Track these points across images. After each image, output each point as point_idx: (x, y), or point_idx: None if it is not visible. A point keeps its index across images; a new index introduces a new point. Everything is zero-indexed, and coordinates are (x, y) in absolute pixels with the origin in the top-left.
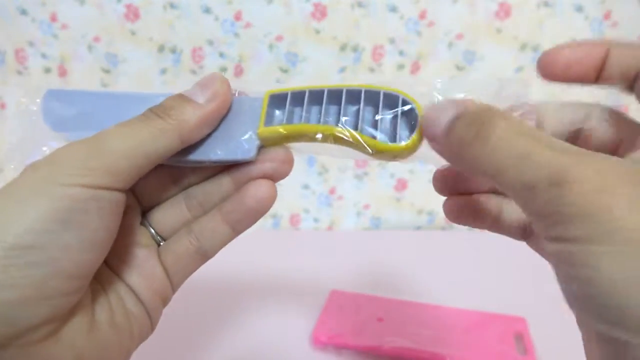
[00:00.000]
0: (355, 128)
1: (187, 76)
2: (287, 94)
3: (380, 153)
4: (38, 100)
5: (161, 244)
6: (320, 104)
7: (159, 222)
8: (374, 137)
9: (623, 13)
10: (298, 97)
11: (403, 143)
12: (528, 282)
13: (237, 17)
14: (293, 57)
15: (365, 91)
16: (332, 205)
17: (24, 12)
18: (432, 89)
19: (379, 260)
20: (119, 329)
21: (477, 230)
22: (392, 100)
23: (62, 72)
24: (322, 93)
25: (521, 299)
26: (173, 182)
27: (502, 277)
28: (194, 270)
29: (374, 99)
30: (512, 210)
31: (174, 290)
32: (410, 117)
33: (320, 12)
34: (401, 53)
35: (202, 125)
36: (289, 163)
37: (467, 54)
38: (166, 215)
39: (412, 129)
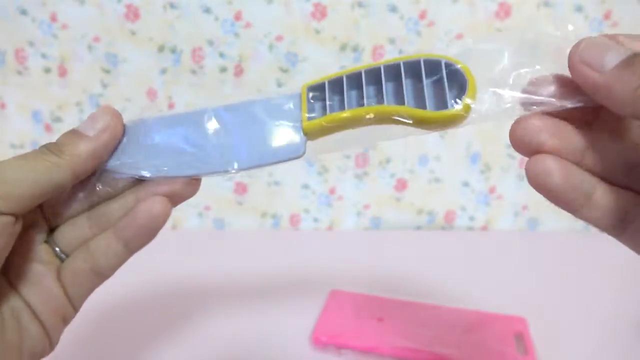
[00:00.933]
0: (402, 103)
1: (187, 76)
2: (324, 84)
3: (433, 123)
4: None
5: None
6: (360, 87)
7: (63, 239)
8: (423, 108)
9: (623, 13)
10: (336, 85)
11: (456, 107)
12: (528, 282)
13: (237, 17)
14: (293, 57)
15: (404, 63)
16: (332, 205)
17: (24, 12)
18: (465, 50)
19: (379, 260)
20: (6, 345)
21: (477, 230)
22: (433, 67)
23: (62, 72)
24: (360, 75)
25: (521, 299)
26: (81, 200)
27: (502, 277)
28: (92, 290)
29: (414, 69)
30: (608, 196)
31: (75, 309)
32: (456, 80)
33: (320, 12)
34: (401, 53)
35: (93, 157)
36: (194, 185)
37: None
38: (70, 233)
39: (460, 91)
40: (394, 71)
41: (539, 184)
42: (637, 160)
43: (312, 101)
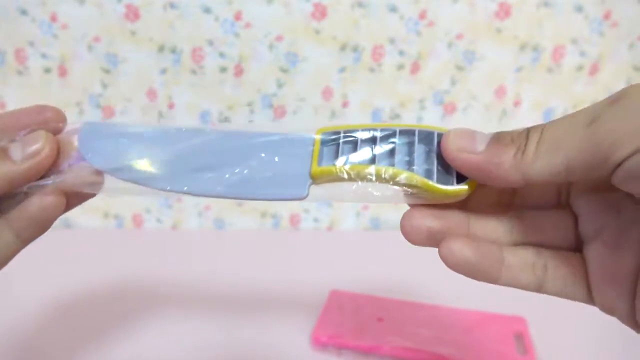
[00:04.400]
0: (411, 169)
1: (187, 76)
2: (339, 132)
3: (437, 196)
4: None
5: None
6: (373, 143)
7: None
8: (430, 179)
9: (623, 13)
10: (351, 137)
11: (462, 186)
12: None
13: (237, 17)
14: (293, 57)
15: (419, 131)
16: (332, 205)
17: (24, 12)
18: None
19: (379, 260)
20: None
21: None
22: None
23: (62, 72)
24: (374, 131)
25: (521, 299)
26: None
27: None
28: None
29: (427, 138)
30: (514, 255)
31: None
32: None
33: (320, 12)
34: (401, 53)
35: (10, 183)
36: (87, 195)
37: (467, 54)
38: None
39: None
40: (409, 136)
41: (456, 264)
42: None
43: (324, 147)
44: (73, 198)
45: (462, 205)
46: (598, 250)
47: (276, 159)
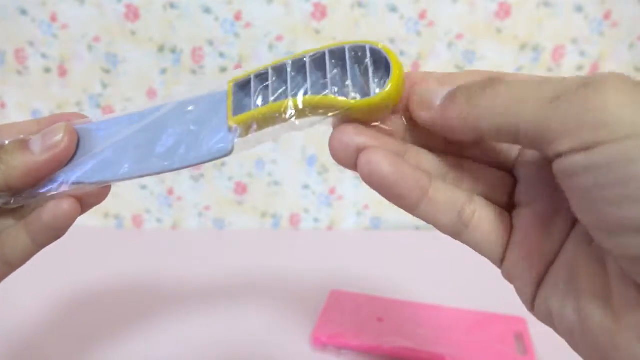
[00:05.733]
0: (325, 92)
1: (187, 76)
2: (249, 78)
3: (357, 110)
4: None
5: None
6: (285, 77)
7: None
8: (346, 97)
9: (623, 13)
10: (263, 78)
11: (378, 92)
12: None
13: (237, 17)
14: None
15: (329, 51)
16: (332, 205)
17: (24, 12)
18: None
19: (379, 260)
20: None
21: None
22: (359, 52)
23: (62, 72)
24: (285, 66)
25: None
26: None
27: (502, 277)
28: (1, 278)
29: (340, 57)
30: (443, 190)
31: None
32: (382, 67)
33: (320, 12)
34: (401, 53)
35: (29, 175)
36: (100, 197)
37: (467, 53)
38: None
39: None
40: (320, 61)
41: (370, 174)
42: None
43: (241, 97)
44: (86, 201)
45: (403, 137)
46: (527, 219)
47: (195, 121)
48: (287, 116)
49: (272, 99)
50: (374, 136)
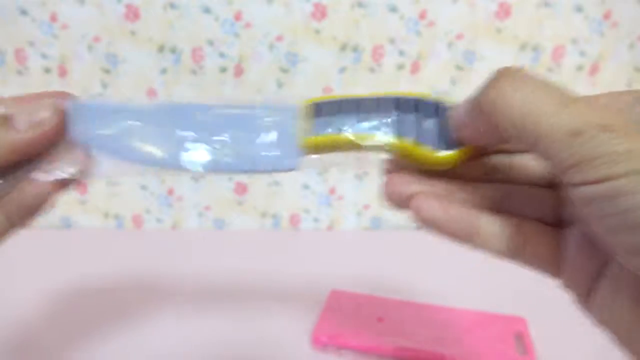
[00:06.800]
0: (399, 136)
1: (187, 76)
2: (325, 103)
3: (426, 163)
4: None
5: None
6: (361, 112)
7: None
8: (419, 145)
9: (623, 13)
10: (335, 106)
11: (451, 152)
12: (528, 282)
13: (237, 17)
14: (293, 57)
15: (417, 100)
16: (332, 205)
17: (24, 12)
18: None
19: (379, 260)
20: None
21: None
22: (430, 107)
23: (62, 72)
24: (360, 102)
25: (521, 299)
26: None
27: (502, 277)
28: None
29: (413, 106)
30: (492, 224)
31: None
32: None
33: (320, 12)
34: (401, 53)
35: (13, 152)
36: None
37: (467, 54)
38: None
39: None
40: (393, 104)
41: (422, 220)
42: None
43: (312, 118)
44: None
45: (450, 176)
46: (576, 237)
47: (262, 129)
48: (362, 147)
49: (345, 130)
50: (423, 181)
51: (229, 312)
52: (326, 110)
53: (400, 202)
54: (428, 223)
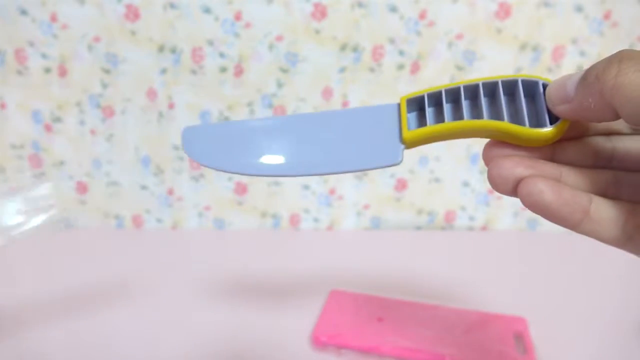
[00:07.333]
0: (498, 118)
1: (187, 76)
2: (423, 96)
3: (527, 140)
4: None
5: None
6: (455, 101)
7: None
8: (519, 124)
9: (623, 13)
10: (433, 98)
11: (551, 128)
12: (528, 282)
13: (237, 17)
14: (293, 57)
15: (502, 81)
16: (332, 205)
17: (24, 12)
18: None
19: (379, 260)
20: None
21: (477, 230)
22: (530, 86)
23: (62, 72)
24: (458, 90)
25: (521, 299)
26: None
27: (502, 277)
28: None
29: (509, 88)
30: (604, 208)
31: None
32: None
33: (320, 12)
34: (401, 53)
35: None
36: None
37: (467, 54)
38: None
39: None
40: (490, 88)
41: (533, 204)
42: (615, 171)
43: (410, 112)
44: None
45: (555, 161)
46: None
47: (365, 129)
48: (465, 132)
49: (447, 118)
50: (530, 165)
51: (229, 312)
52: (423, 103)
53: (507, 186)
54: (538, 206)
